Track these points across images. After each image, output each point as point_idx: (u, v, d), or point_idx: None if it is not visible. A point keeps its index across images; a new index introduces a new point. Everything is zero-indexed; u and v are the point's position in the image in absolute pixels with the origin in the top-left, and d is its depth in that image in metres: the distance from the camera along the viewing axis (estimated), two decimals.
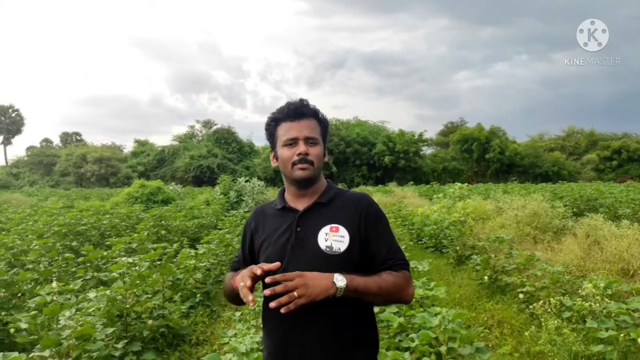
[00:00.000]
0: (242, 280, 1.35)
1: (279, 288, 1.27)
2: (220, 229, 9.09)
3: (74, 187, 47.29)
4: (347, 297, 1.34)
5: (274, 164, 1.59)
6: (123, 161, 54.31)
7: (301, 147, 1.48)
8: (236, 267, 1.68)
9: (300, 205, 1.54)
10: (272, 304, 1.27)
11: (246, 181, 18.94)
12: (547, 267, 5.14)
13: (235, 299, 1.51)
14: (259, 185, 18.60)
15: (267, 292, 1.29)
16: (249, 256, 1.64)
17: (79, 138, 68.22)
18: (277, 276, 1.30)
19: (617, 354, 3.19)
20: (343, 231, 1.46)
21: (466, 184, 17.22)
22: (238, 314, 3.77)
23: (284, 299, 1.26)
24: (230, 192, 17.92)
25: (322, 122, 1.56)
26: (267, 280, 1.31)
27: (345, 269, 1.40)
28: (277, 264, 1.37)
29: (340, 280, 1.32)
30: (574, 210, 11.74)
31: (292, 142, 1.49)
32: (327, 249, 1.43)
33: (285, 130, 1.50)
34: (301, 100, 1.54)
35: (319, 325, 1.39)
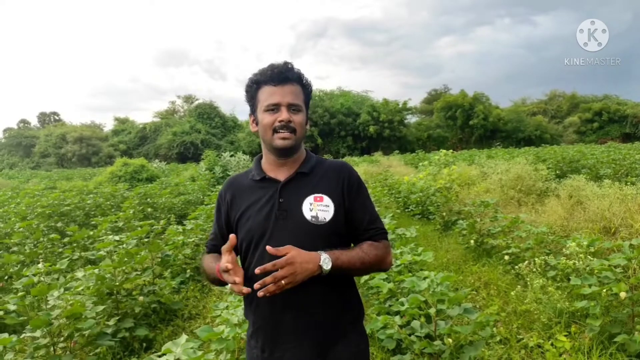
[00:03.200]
0: (229, 277, 1.30)
1: (269, 279, 1.25)
2: (207, 205, 9.04)
3: (55, 168, 46.44)
4: (331, 273, 1.34)
5: (253, 128, 1.51)
6: (104, 140, 53.31)
7: (284, 114, 1.40)
8: (213, 245, 1.61)
9: (281, 175, 1.48)
10: (260, 294, 1.25)
11: (231, 156, 18.81)
12: (532, 228, 5.24)
13: (216, 282, 1.49)
14: (244, 159, 18.49)
15: (257, 285, 1.25)
16: (225, 230, 1.56)
17: (57, 118, 66.53)
18: (268, 265, 1.25)
19: (600, 308, 3.29)
20: (327, 200, 1.42)
21: (451, 150, 17.34)
22: (228, 286, 3.79)
23: (271, 287, 1.25)
24: (215, 167, 17.80)
25: (306, 88, 1.49)
26: (257, 271, 1.25)
27: (331, 239, 1.40)
28: (232, 240, 1.32)
29: (327, 262, 1.31)
30: (557, 172, 11.92)
31: (274, 108, 1.41)
32: (313, 219, 1.39)
33: (268, 95, 1.42)
34: (285, 64, 1.44)
35: (305, 295, 1.38)
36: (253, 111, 1.49)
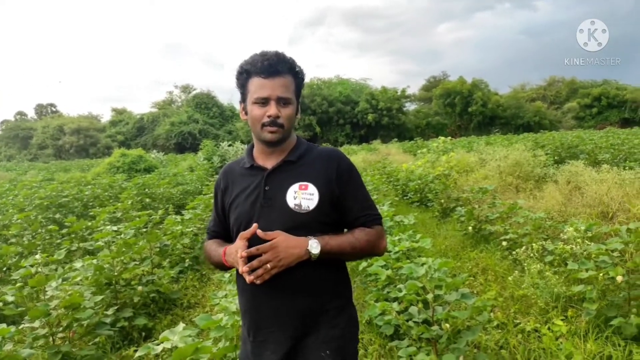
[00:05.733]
0: (237, 263, 1.35)
1: (255, 263, 1.30)
2: (205, 195, 9.04)
3: (53, 159, 46.36)
4: (320, 258, 1.35)
5: (242, 117, 1.51)
6: (101, 131, 53.18)
7: (272, 109, 1.39)
8: (214, 231, 1.65)
9: (269, 163, 1.49)
10: (249, 279, 1.31)
11: (229, 145, 18.77)
12: (529, 214, 5.24)
13: (220, 266, 1.52)
14: (242, 148, 18.44)
15: (245, 268, 1.31)
16: (222, 216, 1.60)
17: (54, 109, 66.27)
18: (252, 249, 1.31)
19: (597, 292, 3.30)
20: (312, 189, 1.42)
21: (449, 138, 17.31)
22: (227, 275, 3.79)
23: (259, 271, 1.30)
24: (213, 157, 17.77)
25: (298, 78, 1.45)
26: (242, 254, 1.31)
27: (315, 227, 1.40)
28: (254, 226, 1.35)
29: (315, 247, 1.33)
30: (555, 158, 11.91)
31: (264, 102, 1.40)
32: (296, 207, 1.40)
33: (257, 87, 1.40)
34: (277, 55, 1.41)
35: (290, 279, 1.38)
36: (243, 99, 1.48)
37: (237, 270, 1.42)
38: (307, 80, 1.56)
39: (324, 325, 1.43)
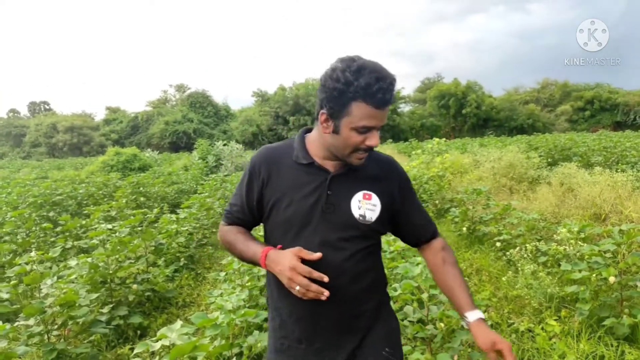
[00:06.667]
0: (286, 277, 1.24)
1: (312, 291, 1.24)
2: (200, 194, 9.02)
3: (46, 157, 46.02)
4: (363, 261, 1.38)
5: (324, 130, 1.30)
6: (95, 129, 52.85)
7: (375, 140, 1.27)
8: (239, 218, 1.48)
9: (329, 165, 1.37)
10: (312, 296, 1.25)
11: (224, 145, 18.72)
12: (523, 215, 5.28)
13: (247, 261, 1.43)
14: (237, 148, 18.42)
15: (312, 291, 1.24)
16: (253, 206, 1.43)
17: (47, 107, 65.82)
18: (321, 277, 1.24)
19: (589, 293, 3.34)
20: (375, 199, 1.37)
21: (444, 139, 17.34)
22: (223, 274, 3.80)
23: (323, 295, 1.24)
24: (208, 156, 17.74)
25: None
26: (315, 280, 1.23)
27: (370, 236, 1.39)
28: (318, 255, 1.27)
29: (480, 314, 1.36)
30: (549, 160, 12.00)
31: (365, 131, 1.26)
32: (361, 218, 1.34)
33: (364, 115, 1.23)
34: (392, 84, 1.22)
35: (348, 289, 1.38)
36: (334, 115, 1.27)
37: (274, 277, 1.35)
38: (302, 80, 1.52)
39: (377, 324, 1.44)
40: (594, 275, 3.37)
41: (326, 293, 1.23)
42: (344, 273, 1.33)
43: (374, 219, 1.36)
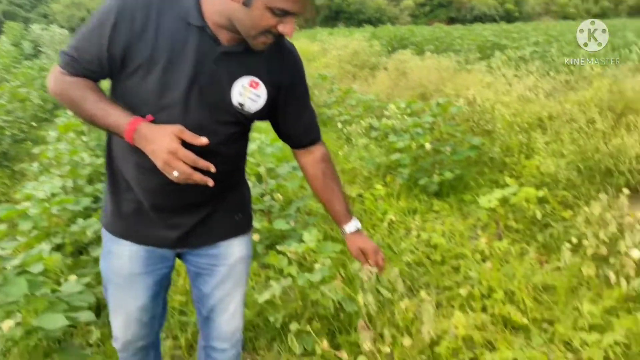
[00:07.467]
0: (160, 159, 1.03)
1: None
2: (12, 82, 7.64)
3: None
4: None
5: None
6: None
7: (289, 27, 1.06)
8: (88, 69, 1.11)
9: (223, 36, 1.11)
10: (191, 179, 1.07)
11: (43, 29, 15.83)
12: (361, 97, 5.57)
13: (100, 126, 1.12)
14: (60, 34, 15.73)
15: (197, 177, 1.06)
16: (108, 57, 1.09)
17: None
18: (207, 165, 1.06)
19: (410, 159, 3.76)
20: (262, 90, 1.17)
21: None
22: (36, 164, 3.33)
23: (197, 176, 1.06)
24: (23, 42, 14.89)
25: None
26: (203, 165, 1.05)
27: (241, 127, 1.22)
28: (204, 140, 1.06)
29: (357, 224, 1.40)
30: (389, 48, 12.67)
31: (282, 14, 1.04)
32: (239, 106, 1.16)
33: None
34: None
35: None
36: None
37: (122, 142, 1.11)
38: None
39: (233, 192, 1.35)
40: (414, 143, 3.76)
41: (211, 183, 1.07)
42: (214, 157, 1.12)
43: (252, 110, 1.18)
